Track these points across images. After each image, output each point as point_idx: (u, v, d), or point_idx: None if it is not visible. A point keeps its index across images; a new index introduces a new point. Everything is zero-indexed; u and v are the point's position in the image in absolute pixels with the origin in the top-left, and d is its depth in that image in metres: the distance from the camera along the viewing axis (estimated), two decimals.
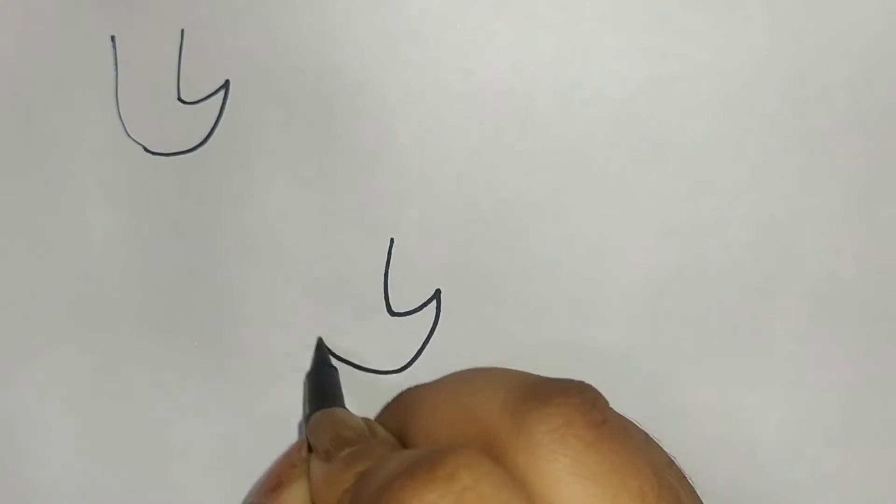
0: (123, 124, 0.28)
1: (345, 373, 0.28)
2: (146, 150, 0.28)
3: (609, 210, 0.27)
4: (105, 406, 0.28)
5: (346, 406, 0.26)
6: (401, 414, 0.23)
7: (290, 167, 0.28)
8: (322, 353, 0.28)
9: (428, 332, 0.28)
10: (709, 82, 0.27)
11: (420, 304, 0.28)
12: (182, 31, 0.28)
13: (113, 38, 0.28)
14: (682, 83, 0.27)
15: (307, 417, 0.26)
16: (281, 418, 0.28)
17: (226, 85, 0.28)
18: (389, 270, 0.28)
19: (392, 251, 0.28)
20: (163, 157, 0.28)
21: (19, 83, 0.28)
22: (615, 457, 0.18)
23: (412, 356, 0.28)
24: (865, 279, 0.27)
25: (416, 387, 0.24)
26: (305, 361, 0.28)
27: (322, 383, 0.27)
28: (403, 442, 0.23)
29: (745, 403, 0.28)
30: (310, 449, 0.24)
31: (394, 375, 0.28)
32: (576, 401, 0.19)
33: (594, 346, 0.28)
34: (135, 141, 0.28)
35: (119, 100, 0.28)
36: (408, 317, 0.28)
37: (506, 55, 0.27)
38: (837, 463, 0.28)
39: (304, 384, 0.28)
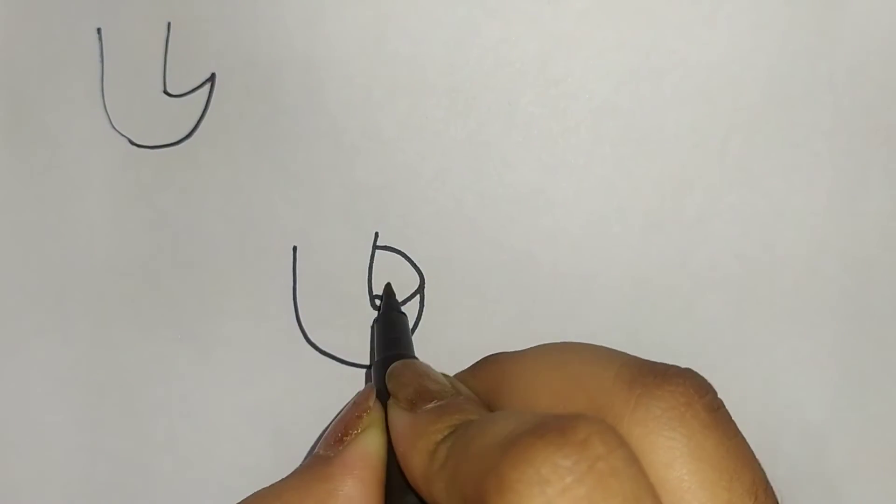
0: (109, 117, 0.28)
1: (327, 366, 0.28)
2: (132, 142, 0.28)
3: (592, 205, 0.28)
4: (88, 398, 0.28)
5: (330, 397, 0.27)
6: (489, 377, 0.23)
7: (276, 160, 0.28)
8: (391, 298, 0.27)
9: (412, 327, 0.28)
10: (693, 78, 0.27)
11: (404, 298, 0.28)
12: (168, 24, 0.28)
13: (99, 30, 0.28)
14: (666, 79, 0.27)
15: (376, 363, 0.25)
16: (264, 411, 0.28)
17: (212, 78, 0.28)
18: (374, 264, 0.28)
19: (376, 244, 0.28)
20: (148, 150, 0.28)
21: (4, 75, 0.28)
22: (730, 443, 0.18)
23: None
24: (848, 275, 0.27)
25: (506, 353, 0.23)
26: (289, 354, 0.28)
27: (393, 328, 0.27)
28: (489, 405, 0.22)
29: (724, 398, 0.28)
30: (378, 397, 0.23)
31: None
32: (694, 383, 0.19)
33: (577, 341, 0.28)
34: (120, 133, 0.28)
35: (105, 92, 0.28)
36: None
37: (491, 51, 0.27)
38: (816, 457, 0.28)
39: (372, 329, 0.28)
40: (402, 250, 0.28)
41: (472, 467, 0.17)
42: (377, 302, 0.28)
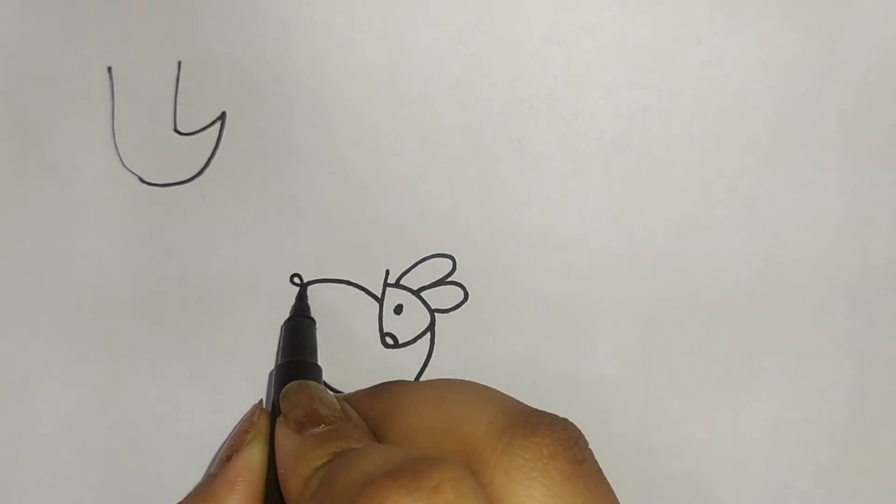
0: (119, 155, 0.28)
1: None
2: (142, 180, 0.28)
3: (602, 244, 0.28)
4: (98, 435, 0.28)
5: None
6: (382, 406, 0.23)
7: (287, 199, 0.28)
8: (303, 302, 0.27)
9: (422, 365, 0.28)
10: (702, 118, 0.27)
11: (415, 335, 0.28)
12: (179, 62, 0.28)
13: (110, 69, 0.28)
14: (675, 118, 0.27)
15: (276, 368, 0.25)
16: None
17: (222, 116, 0.28)
18: (384, 303, 0.28)
19: (387, 283, 0.28)
20: (159, 188, 0.28)
21: (16, 113, 0.28)
22: (589, 494, 0.19)
23: None
24: (857, 314, 0.27)
25: (403, 383, 0.24)
26: None
27: (299, 333, 0.27)
28: (377, 432, 0.23)
29: (734, 437, 0.28)
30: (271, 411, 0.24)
31: None
32: (561, 435, 0.20)
33: (585, 380, 0.28)
34: (130, 171, 0.28)
35: (115, 130, 0.28)
36: (402, 349, 0.28)
37: (501, 90, 0.27)
38: (827, 496, 0.28)
39: (280, 332, 0.28)
40: (413, 288, 0.28)
41: (335, 502, 0.18)
42: (388, 340, 0.28)
